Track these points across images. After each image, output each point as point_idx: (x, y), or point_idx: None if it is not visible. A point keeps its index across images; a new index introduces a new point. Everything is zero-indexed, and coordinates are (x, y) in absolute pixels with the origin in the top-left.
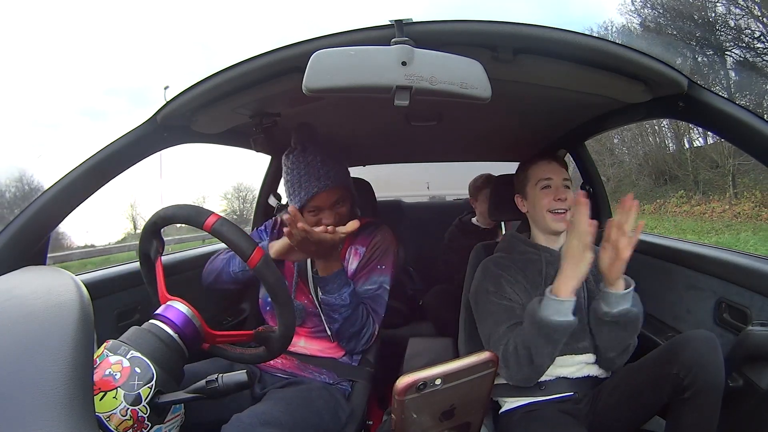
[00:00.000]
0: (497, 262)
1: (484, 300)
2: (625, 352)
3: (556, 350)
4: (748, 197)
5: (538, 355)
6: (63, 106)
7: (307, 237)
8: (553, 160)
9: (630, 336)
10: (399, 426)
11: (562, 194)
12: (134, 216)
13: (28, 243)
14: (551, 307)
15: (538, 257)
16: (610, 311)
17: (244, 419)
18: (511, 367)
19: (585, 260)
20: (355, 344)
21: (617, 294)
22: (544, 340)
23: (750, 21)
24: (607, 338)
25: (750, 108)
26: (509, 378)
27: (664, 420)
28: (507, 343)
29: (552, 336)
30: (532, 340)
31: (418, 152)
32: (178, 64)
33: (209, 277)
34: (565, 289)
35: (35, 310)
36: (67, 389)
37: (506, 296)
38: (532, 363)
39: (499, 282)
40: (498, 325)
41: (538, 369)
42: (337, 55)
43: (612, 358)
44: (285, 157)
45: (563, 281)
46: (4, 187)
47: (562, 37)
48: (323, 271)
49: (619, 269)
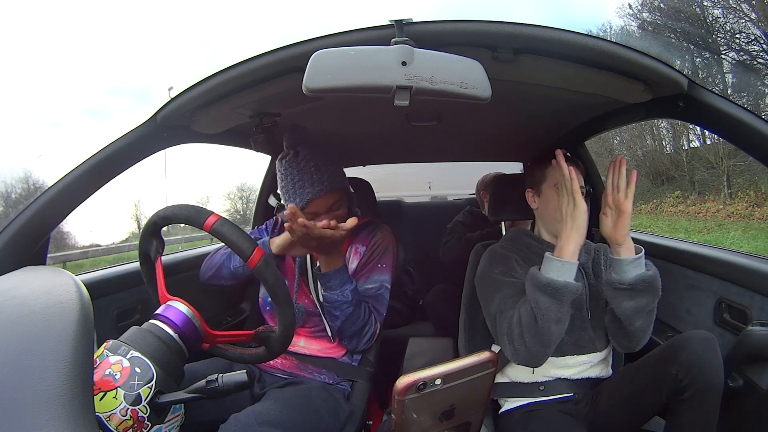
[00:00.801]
0: (504, 247)
1: (492, 280)
2: (649, 317)
3: (562, 317)
4: (742, 197)
5: (545, 324)
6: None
7: (308, 233)
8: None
9: (653, 299)
10: (399, 426)
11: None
12: (138, 215)
13: (28, 243)
14: (553, 267)
15: (542, 251)
16: (624, 279)
17: (241, 418)
18: (516, 341)
19: (579, 209)
20: (357, 343)
21: (627, 260)
22: (549, 298)
23: (746, 24)
24: (627, 307)
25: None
26: (514, 356)
27: (664, 420)
28: (511, 315)
29: (556, 295)
30: (538, 305)
31: (418, 152)
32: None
33: (208, 271)
34: (566, 249)
35: (35, 310)
36: (67, 389)
37: (515, 275)
38: (538, 333)
39: (508, 262)
40: (505, 300)
41: (543, 340)
42: (337, 55)
43: (638, 329)
44: (278, 162)
45: (564, 241)
46: (10, 187)
47: (562, 37)
48: (325, 267)
49: (624, 226)
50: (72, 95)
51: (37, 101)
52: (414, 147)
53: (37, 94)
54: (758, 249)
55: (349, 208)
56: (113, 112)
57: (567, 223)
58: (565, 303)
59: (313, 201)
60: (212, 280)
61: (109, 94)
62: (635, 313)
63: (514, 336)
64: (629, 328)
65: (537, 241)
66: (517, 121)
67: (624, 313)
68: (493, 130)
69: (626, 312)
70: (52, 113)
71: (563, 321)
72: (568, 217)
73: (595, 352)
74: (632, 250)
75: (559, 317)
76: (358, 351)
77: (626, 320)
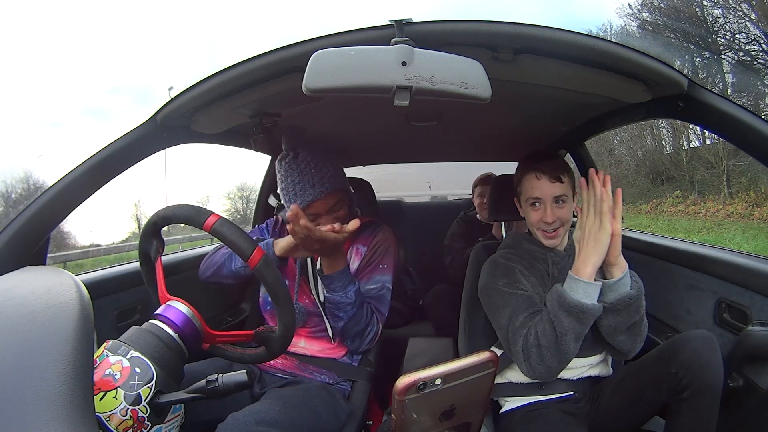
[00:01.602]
0: (506, 256)
1: (497, 293)
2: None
3: (582, 335)
4: (742, 197)
5: (565, 342)
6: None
7: (310, 235)
8: (542, 175)
9: (633, 317)
10: (399, 426)
11: (550, 216)
12: (138, 215)
13: (28, 243)
14: (579, 289)
15: (544, 256)
16: (606, 298)
17: (239, 417)
18: (533, 358)
19: (605, 230)
20: (360, 343)
21: (615, 281)
22: (575, 321)
23: (746, 24)
24: (605, 324)
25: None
26: (530, 372)
27: (664, 420)
28: (527, 333)
29: (582, 319)
30: (561, 324)
31: (418, 152)
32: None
33: (207, 270)
34: (584, 270)
35: (35, 310)
36: (67, 389)
37: (521, 287)
38: (558, 350)
39: (512, 273)
40: (516, 315)
41: (562, 358)
42: (337, 55)
43: (621, 342)
44: (278, 163)
45: (583, 260)
46: (10, 187)
47: (562, 37)
48: (328, 269)
49: (616, 247)
50: (73, 95)
51: (37, 101)
52: (414, 147)
53: (37, 93)
54: (758, 249)
55: (349, 208)
56: (114, 112)
57: (589, 243)
58: (588, 324)
59: (314, 202)
60: (212, 278)
61: (110, 94)
62: (614, 330)
63: (532, 354)
64: (612, 342)
65: (537, 246)
66: (517, 121)
67: (604, 329)
68: (493, 130)
69: (606, 329)
70: (53, 113)
71: (581, 338)
72: (591, 237)
73: (595, 355)
74: (623, 266)
75: (579, 335)
76: (360, 351)
77: (607, 336)
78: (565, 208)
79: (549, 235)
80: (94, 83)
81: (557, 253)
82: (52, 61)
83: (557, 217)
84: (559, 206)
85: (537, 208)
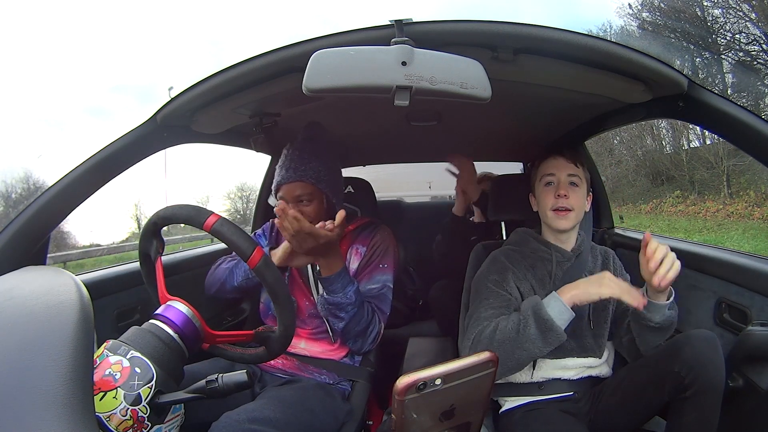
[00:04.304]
0: (508, 255)
1: (485, 287)
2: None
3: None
4: (742, 197)
5: (520, 346)
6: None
7: (300, 228)
8: (560, 155)
9: (671, 330)
10: (399, 426)
11: (563, 190)
12: (138, 215)
13: (28, 243)
14: (556, 308)
15: (549, 256)
16: (654, 318)
17: (233, 416)
18: (479, 348)
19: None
20: (362, 343)
21: (661, 305)
22: (539, 334)
23: (746, 24)
24: (649, 340)
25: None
26: None
27: (665, 420)
28: (488, 324)
29: (546, 336)
30: (527, 329)
31: (417, 152)
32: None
33: (212, 288)
34: (569, 293)
35: (35, 310)
36: (67, 389)
37: (507, 289)
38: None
39: (505, 274)
40: (487, 309)
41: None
42: (337, 55)
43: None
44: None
45: (570, 287)
46: (10, 187)
47: (562, 37)
48: (326, 270)
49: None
50: (75, 93)
51: (39, 100)
52: (414, 147)
53: (39, 92)
54: (758, 249)
55: (327, 212)
56: (116, 111)
57: (593, 280)
58: (549, 346)
59: (281, 185)
60: (219, 294)
61: (112, 92)
62: (653, 344)
63: (481, 345)
64: (642, 350)
65: (544, 245)
66: (517, 121)
67: (643, 343)
68: (493, 130)
69: (647, 344)
70: (55, 112)
71: (533, 358)
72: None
73: (596, 357)
74: (671, 293)
75: (533, 354)
76: (363, 351)
77: (643, 347)
78: (578, 192)
79: (561, 214)
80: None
81: (563, 254)
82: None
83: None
84: (573, 189)
85: (550, 188)
